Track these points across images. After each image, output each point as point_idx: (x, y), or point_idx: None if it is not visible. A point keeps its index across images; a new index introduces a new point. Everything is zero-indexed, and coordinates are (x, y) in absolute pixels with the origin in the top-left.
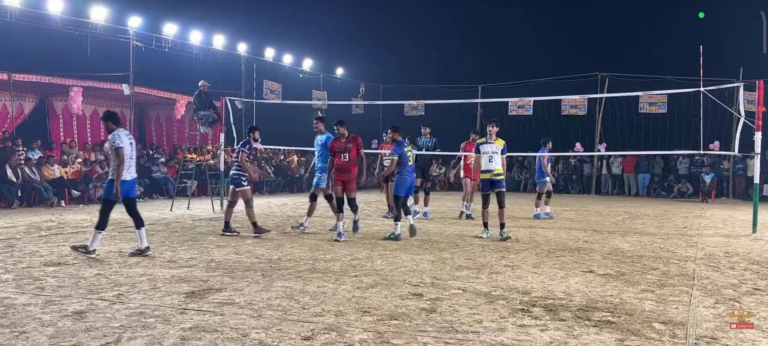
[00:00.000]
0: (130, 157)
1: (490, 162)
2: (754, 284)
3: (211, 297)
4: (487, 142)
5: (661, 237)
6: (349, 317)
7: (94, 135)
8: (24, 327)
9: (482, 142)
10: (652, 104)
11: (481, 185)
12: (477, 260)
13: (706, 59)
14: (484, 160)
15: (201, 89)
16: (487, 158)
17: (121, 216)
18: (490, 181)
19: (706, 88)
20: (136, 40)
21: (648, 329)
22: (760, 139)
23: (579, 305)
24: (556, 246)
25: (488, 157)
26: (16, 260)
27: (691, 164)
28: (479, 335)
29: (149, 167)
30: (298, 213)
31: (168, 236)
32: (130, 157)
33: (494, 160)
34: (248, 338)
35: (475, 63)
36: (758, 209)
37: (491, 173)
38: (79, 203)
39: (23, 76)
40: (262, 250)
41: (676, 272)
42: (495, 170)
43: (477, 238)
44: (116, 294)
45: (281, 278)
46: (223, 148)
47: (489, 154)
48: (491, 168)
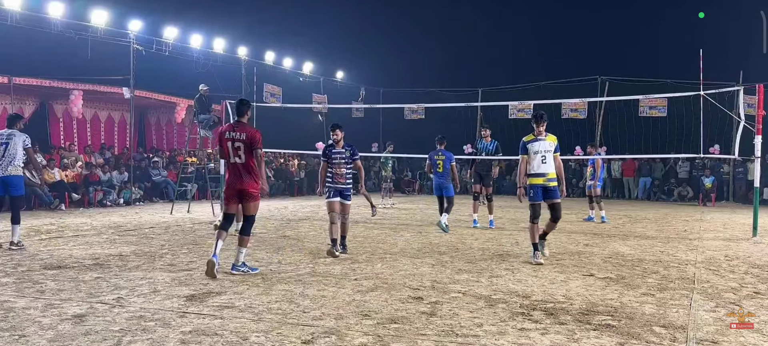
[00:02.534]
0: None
1: (544, 163)
2: (755, 288)
3: (211, 301)
4: (537, 139)
5: (661, 241)
6: (349, 321)
7: (95, 139)
8: (24, 331)
9: (530, 139)
10: (652, 108)
11: (531, 193)
12: (477, 264)
13: (706, 62)
14: (536, 161)
15: (202, 93)
16: (539, 159)
17: (122, 219)
18: (543, 187)
19: (706, 92)
20: (136, 43)
21: (648, 333)
22: (760, 143)
23: (579, 308)
24: (557, 249)
25: (541, 158)
26: (16, 264)
27: (691, 168)
28: (479, 338)
29: (149, 171)
30: (299, 217)
31: (168, 240)
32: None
33: (548, 162)
34: (248, 342)
35: (475, 66)
36: (758, 213)
37: (544, 178)
38: (80, 207)
39: (24, 79)
40: (261, 253)
41: (676, 275)
42: (548, 174)
43: (527, 263)
44: (116, 298)
45: (281, 282)
46: None
47: (541, 153)
48: (544, 171)
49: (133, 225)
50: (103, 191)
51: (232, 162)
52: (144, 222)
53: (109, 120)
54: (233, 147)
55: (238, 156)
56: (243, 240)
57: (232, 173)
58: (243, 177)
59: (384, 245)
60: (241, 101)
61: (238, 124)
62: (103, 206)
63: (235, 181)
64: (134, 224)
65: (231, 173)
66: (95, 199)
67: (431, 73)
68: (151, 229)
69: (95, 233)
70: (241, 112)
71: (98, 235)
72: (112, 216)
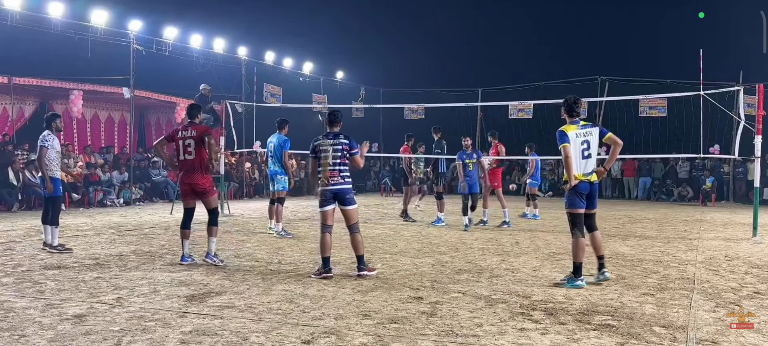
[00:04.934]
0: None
1: (589, 156)
2: (755, 288)
3: (211, 301)
4: (580, 126)
5: (661, 241)
6: (349, 321)
7: (95, 139)
8: (24, 331)
9: (572, 129)
10: (652, 108)
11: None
12: (477, 264)
13: (706, 62)
14: (579, 154)
15: (203, 92)
16: (582, 151)
17: (121, 219)
18: (590, 185)
19: (706, 92)
20: (136, 43)
21: (648, 333)
22: (760, 143)
23: (579, 308)
24: (557, 249)
25: (585, 149)
26: (16, 264)
27: (691, 168)
28: (479, 338)
29: (149, 171)
30: (299, 217)
31: (168, 240)
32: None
33: (593, 153)
34: (248, 342)
35: (475, 66)
36: (758, 213)
37: (590, 175)
38: (80, 207)
39: (24, 79)
40: (262, 253)
41: (676, 275)
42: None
43: (576, 288)
44: (116, 297)
45: (281, 282)
46: (223, 151)
47: (587, 141)
48: (590, 169)
49: (133, 225)
50: (103, 190)
51: (182, 159)
52: (144, 222)
53: (109, 120)
54: (184, 145)
55: (188, 153)
56: (211, 230)
57: (183, 169)
58: (192, 172)
59: (384, 245)
60: (192, 106)
61: (190, 124)
62: (103, 206)
63: (186, 176)
64: (134, 224)
65: (182, 170)
66: (95, 199)
67: (431, 73)
68: (151, 229)
69: (95, 233)
70: (192, 115)
71: (98, 235)
72: (112, 216)
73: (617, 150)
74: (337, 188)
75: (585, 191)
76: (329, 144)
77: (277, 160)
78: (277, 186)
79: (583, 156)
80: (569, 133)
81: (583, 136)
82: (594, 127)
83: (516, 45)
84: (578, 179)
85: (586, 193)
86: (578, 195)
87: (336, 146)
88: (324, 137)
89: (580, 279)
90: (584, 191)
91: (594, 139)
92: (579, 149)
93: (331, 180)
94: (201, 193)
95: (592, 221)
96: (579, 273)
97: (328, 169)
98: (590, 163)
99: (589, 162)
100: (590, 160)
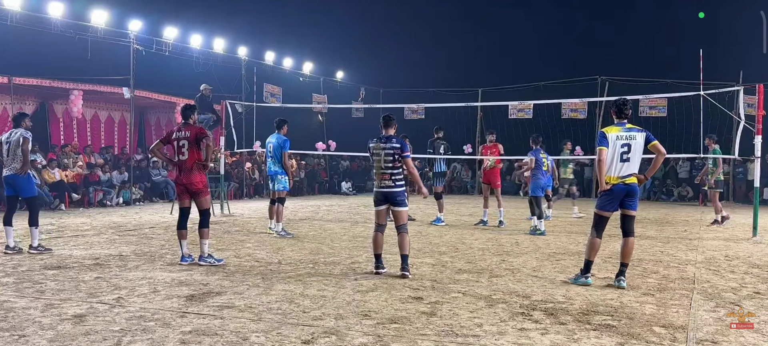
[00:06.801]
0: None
1: (628, 160)
2: (755, 288)
3: (211, 301)
4: (624, 129)
5: (661, 241)
6: (349, 321)
7: (95, 139)
8: (24, 331)
9: (614, 130)
10: (652, 108)
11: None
12: (477, 264)
13: (706, 62)
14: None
15: (203, 92)
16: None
17: (121, 219)
18: (626, 186)
19: (706, 92)
20: (136, 43)
21: (648, 333)
22: (760, 143)
23: (579, 308)
24: (557, 250)
25: (624, 152)
26: (16, 264)
27: (691, 168)
28: (479, 338)
29: (149, 171)
30: (299, 217)
31: (168, 240)
32: None
33: (634, 158)
34: (248, 342)
35: (475, 66)
36: (758, 213)
37: (626, 178)
38: (79, 207)
39: (23, 79)
40: (262, 253)
41: (676, 275)
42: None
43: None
44: (116, 298)
45: (281, 282)
46: (223, 151)
47: (628, 144)
48: (627, 172)
49: (133, 225)
50: (103, 190)
51: (177, 160)
52: (144, 222)
53: (109, 120)
54: (178, 146)
55: (182, 153)
56: (202, 233)
57: (178, 169)
58: (187, 172)
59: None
60: (186, 107)
61: (184, 125)
62: (103, 206)
63: (180, 176)
64: (134, 224)
65: (177, 170)
66: (95, 199)
67: (431, 73)
68: (151, 229)
69: (95, 233)
70: (186, 116)
71: (98, 235)
72: (112, 216)
73: (660, 159)
74: (386, 191)
75: (621, 193)
76: (381, 148)
77: (277, 160)
78: (277, 186)
79: (622, 159)
80: (609, 134)
81: (625, 139)
82: (641, 132)
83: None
84: (610, 182)
85: (622, 194)
86: (610, 199)
87: (387, 150)
88: (377, 140)
89: (586, 276)
90: (620, 192)
91: (637, 144)
92: (618, 151)
93: (382, 183)
94: (195, 193)
95: (629, 226)
96: (588, 270)
97: (380, 171)
98: (628, 167)
99: (627, 165)
100: (629, 163)
